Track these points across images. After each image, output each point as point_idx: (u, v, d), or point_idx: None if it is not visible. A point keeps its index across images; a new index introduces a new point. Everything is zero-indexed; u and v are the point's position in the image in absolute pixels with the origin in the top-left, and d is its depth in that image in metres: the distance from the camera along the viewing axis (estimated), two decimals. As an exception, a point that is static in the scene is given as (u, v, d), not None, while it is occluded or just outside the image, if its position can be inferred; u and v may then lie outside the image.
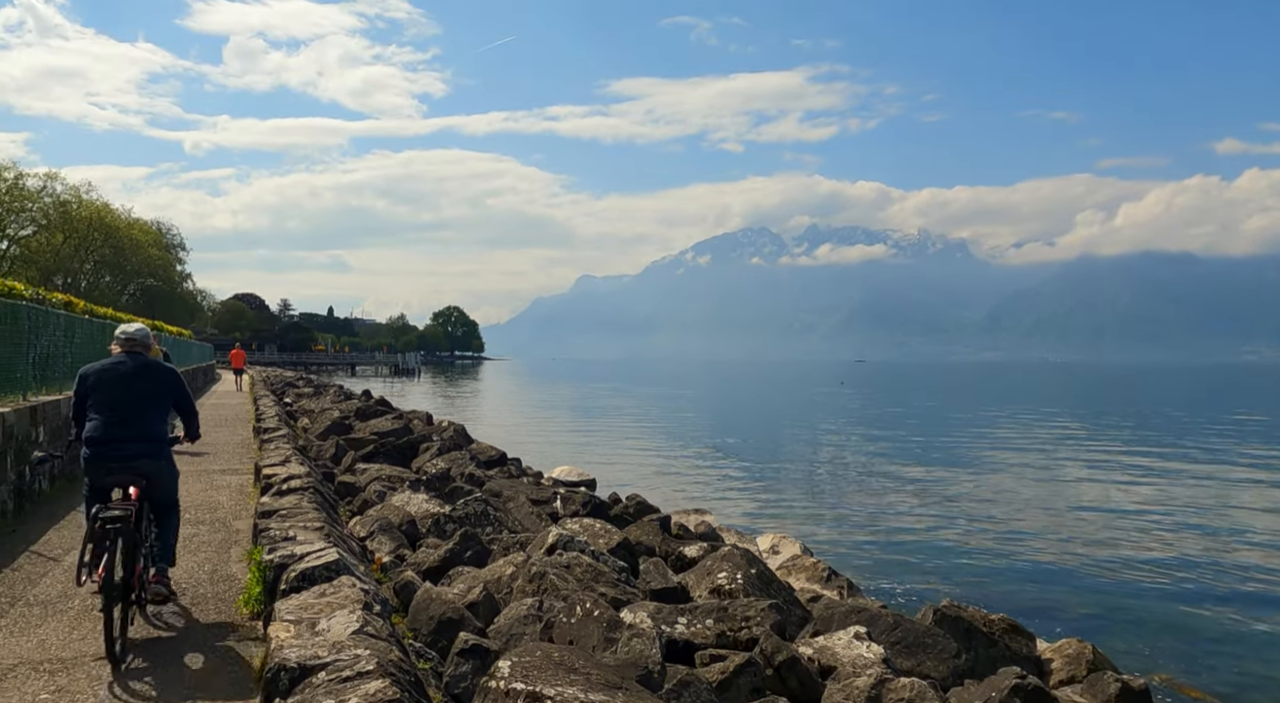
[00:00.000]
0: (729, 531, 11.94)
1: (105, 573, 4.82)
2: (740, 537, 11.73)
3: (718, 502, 19.57)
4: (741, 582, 6.24)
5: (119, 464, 5.27)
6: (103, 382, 5.42)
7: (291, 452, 12.07)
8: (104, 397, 5.37)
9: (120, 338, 5.67)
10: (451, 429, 17.70)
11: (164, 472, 5.56)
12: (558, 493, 10.15)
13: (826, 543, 14.85)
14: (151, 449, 5.41)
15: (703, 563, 7.00)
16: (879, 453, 29.89)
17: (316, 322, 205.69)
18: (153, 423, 5.46)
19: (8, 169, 70.16)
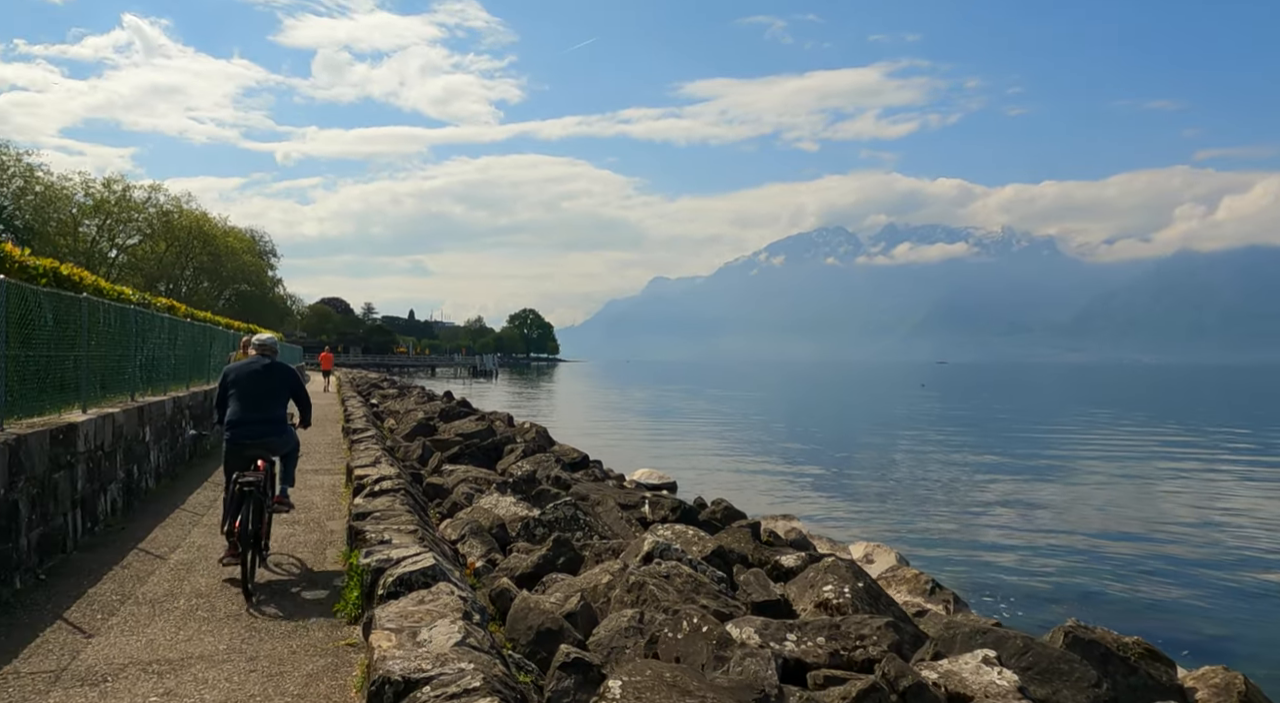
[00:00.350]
0: (820, 538, 11.52)
1: (241, 526, 6.18)
2: (833, 545, 11.30)
3: (801, 507, 19.08)
4: (850, 596, 5.89)
5: (251, 441, 6.75)
6: (240, 378, 6.92)
7: (381, 453, 12.22)
8: (242, 389, 6.85)
9: (255, 344, 7.32)
10: (534, 431, 17.72)
11: (287, 443, 7.12)
12: (645, 497, 9.94)
13: (918, 553, 14.25)
14: (275, 429, 6.92)
15: (804, 575, 6.67)
16: (967, 458, 28.77)
17: (398, 324, 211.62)
18: (276, 409, 6.97)
19: (117, 182, 74.43)
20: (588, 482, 11.41)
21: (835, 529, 15.25)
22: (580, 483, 10.74)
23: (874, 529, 16.26)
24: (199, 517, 9.38)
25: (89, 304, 8.69)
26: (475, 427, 16.22)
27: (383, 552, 5.94)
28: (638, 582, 5.64)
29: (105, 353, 9.79)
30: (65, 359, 8.35)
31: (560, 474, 11.27)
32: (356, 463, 10.69)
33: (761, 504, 18.36)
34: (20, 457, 6.26)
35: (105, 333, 9.59)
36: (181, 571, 7.02)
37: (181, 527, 8.79)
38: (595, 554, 7.31)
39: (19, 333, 6.94)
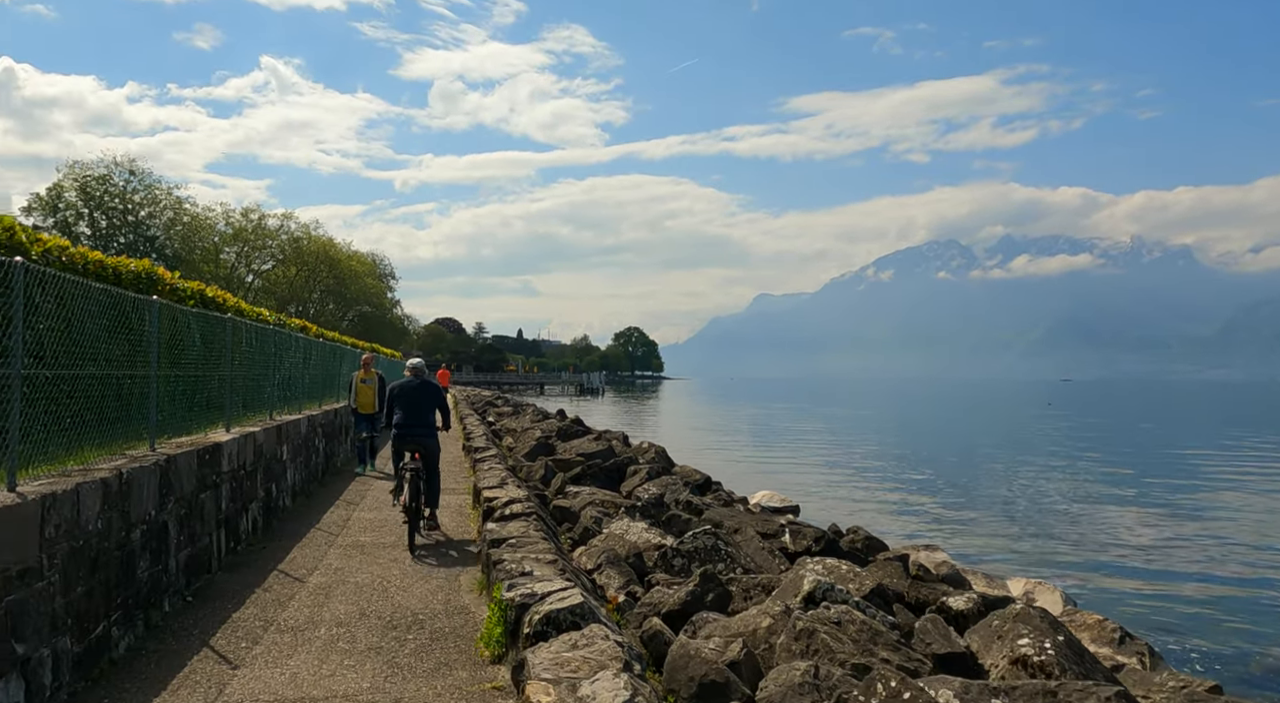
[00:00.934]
0: (974, 573, 10.54)
1: (408, 501, 8.79)
2: (989, 582, 10.30)
3: (936, 535, 17.87)
4: (1052, 653, 5.10)
5: (411, 439, 9.42)
6: (403, 392, 9.56)
7: (506, 473, 12.04)
8: (403, 401, 9.49)
9: (410, 366, 10.06)
10: (653, 451, 17.30)
11: (433, 445, 9.63)
12: (785, 526, 9.28)
13: (1079, 589, 12.94)
14: (427, 432, 9.53)
15: (987, 623, 5.89)
16: (1111, 483, 26.51)
17: (507, 343, 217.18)
18: (428, 416, 9.58)
19: (253, 211, 79.78)
20: (718, 507, 10.83)
21: (982, 562, 14.08)
22: (713, 509, 10.18)
23: (1023, 562, 14.96)
24: (333, 537, 9.36)
25: (232, 324, 8.82)
26: (595, 446, 15.92)
27: (525, 585, 5.57)
28: (807, 629, 5.04)
29: (246, 372, 9.98)
30: (210, 379, 8.48)
31: (690, 499, 10.73)
32: (483, 484, 10.51)
33: (893, 532, 17.29)
34: (170, 477, 6.26)
35: (246, 353, 9.77)
36: (320, 596, 6.88)
37: (317, 547, 8.76)
38: (743, 590, 6.74)
39: (169, 353, 7.02)
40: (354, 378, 14.38)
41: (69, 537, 4.58)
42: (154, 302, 6.47)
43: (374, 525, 10.06)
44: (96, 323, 5.73)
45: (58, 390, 5.46)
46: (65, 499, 4.54)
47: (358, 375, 14.29)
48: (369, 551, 8.66)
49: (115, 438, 6.15)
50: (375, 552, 8.60)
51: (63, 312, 5.20)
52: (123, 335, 6.04)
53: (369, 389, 14.17)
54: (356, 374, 14.34)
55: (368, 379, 14.24)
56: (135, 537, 5.56)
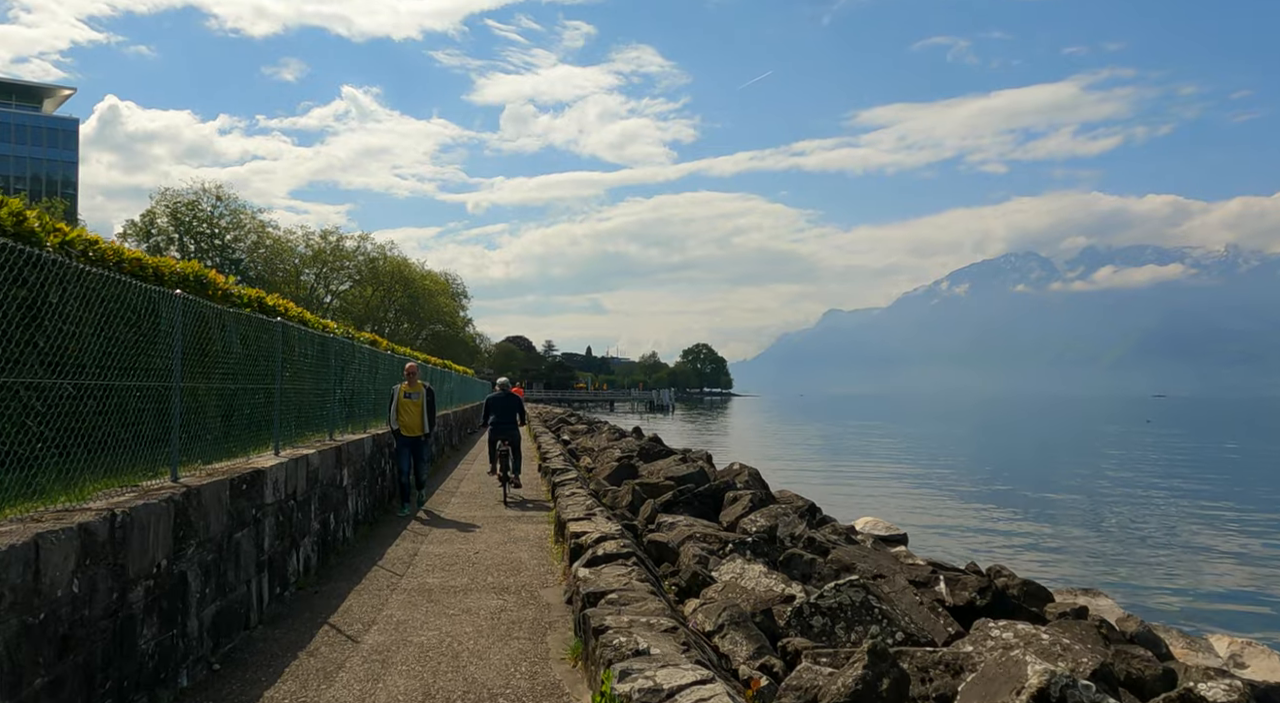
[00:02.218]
0: (1168, 630, 8.56)
1: (501, 472, 13.34)
2: (1189, 641, 8.31)
3: (1062, 568, 15.68)
4: None
5: (502, 433, 13.41)
6: (495, 401, 13.70)
7: (590, 499, 10.60)
8: (497, 408, 13.59)
9: (500, 384, 14.53)
10: (746, 473, 15.64)
11: (517, 435, 13.60)
12: (940, 575, 7.52)
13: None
14: (513, 428, 13.52)
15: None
16: (1247, 509, 23.57)
17: (576, 361, 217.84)
18: (511, 416, 13.62)
19: (331, 234, 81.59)
20: (845, 544, 9.12)
21: (1143, 611, 11.91)
22: (838, 547, 8.49)
23: (1189, 610, 12.73)
24: (398, 577, 8.03)
25: (283, 329, 7.62)
26: (683, 469, 14.36)
27: (643, 672, 4.06)
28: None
29: (302, 386, 8.80)
30: (256, 393, 7.27)
31: (811, 535, 9.04)
32: (568, 515, 9.07)
33: (1024, 569, 15.18)
34: (190, 516, 4.98)
35: (302, 363, 8.58)
36: (376, 664, 5.50)
37: (378, 592, 7.43)
38: (918, 668, 5.09)
39: (199, 361, 5.79)
40: (395, 392, 11.65)
41: (20, 609, 3.28)
42: (174, 294, 5.23)
43: (443, 562, 8.71)
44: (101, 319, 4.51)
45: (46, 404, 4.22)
46: (13, 558, 3.23)
47: (400, 389, 11.60)
48: (437, 596, 7.28)
49: (130, 465, 4.91)
50: (444, 598, 7.22)
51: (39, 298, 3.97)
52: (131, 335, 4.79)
53: (415, 406, 11.55)
54: (399, 387, 11.62)
55: (413, 393, 11.55)
56: (135, 597, 4.26)
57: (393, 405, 11.56)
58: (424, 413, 11.62)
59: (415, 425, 11.58)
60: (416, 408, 11.53)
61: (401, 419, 11.56)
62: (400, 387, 11.67)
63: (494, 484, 15.54)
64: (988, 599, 7.11)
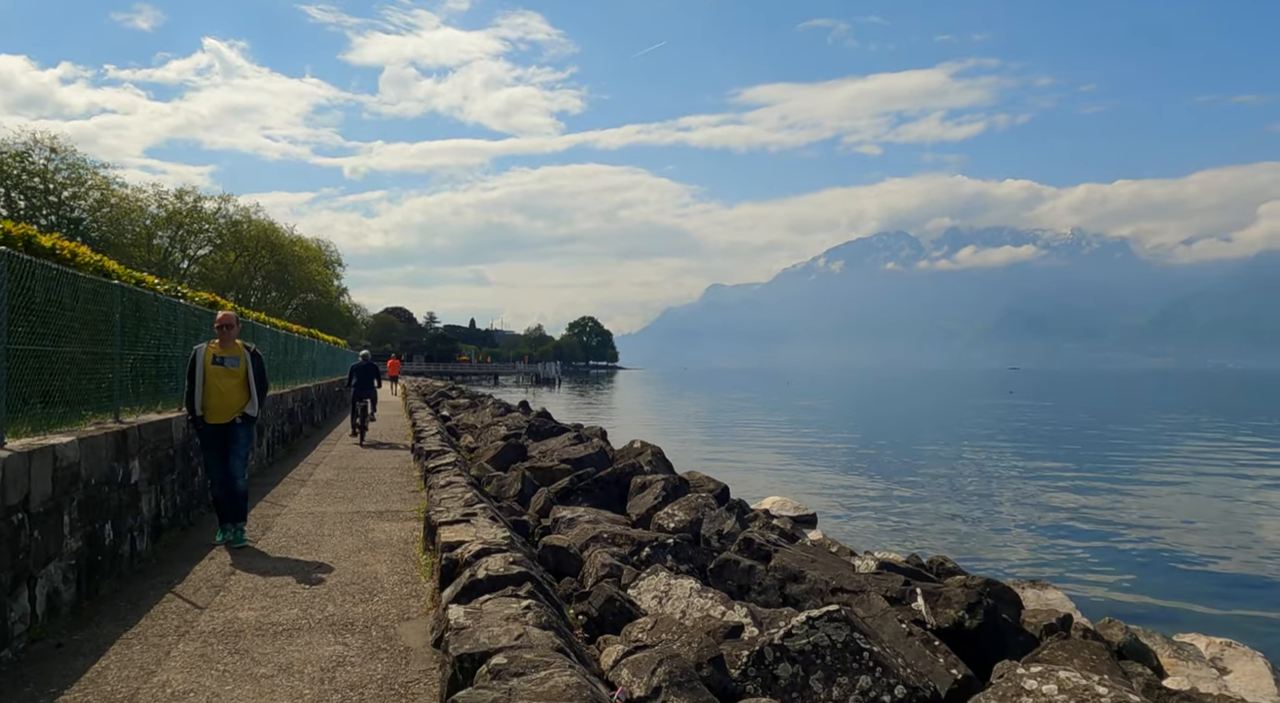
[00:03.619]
0: (1150, 635, 7.42)
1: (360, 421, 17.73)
2: (1176, 649, 7.17)
3: (973, 549, 14.89)
4: None
5: (362, 393, 18.10)
6: (358, 368, 18.45)
7: (470, 492, 8.58)
8: (359, 372, 18.34)
9: (363, 354, 19.56)
10: (649, 453, 13.94)
11: (375, 394, 18.61)
12: (915, 588, 5.98)
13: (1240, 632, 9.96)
14: (371, 390, 18.36)
15: None
16: (1127, 481, 24.01)
17: (459, 333, 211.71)
18: (371, 381, 18.49)
19: (188, 193, 74.54)
20: (790, 546, 7.48)
21: (1088, 602, 10.96)
22: (782, 551, 6.82)
23: (1122, 594, 11.98)
24: (197, 612, 5.80)
25: (9, 261, 5.18)
26: (581, 451, 12.47)
27: None
28: None
29: (63, 349, 6.35)
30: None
31: (749, 536, 7.29)
32: (441, 516, 7.04)
33: (935, 550, 14.21)
34: None
35: (57, 318, 6.13)
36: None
37: (158, 641, 5.20)
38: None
39: None
40: (197, 355, 7.57)
41: None
42: None
43: (269, 584, 6.52)
44: None
45: None
46: None
47: (206, 350, 7.58)
48: (247, 644, 5.14)
49: None
50: (257, 646, 5.09)
51: None
52: None
53: (231, 378, 7.61)
54: (204, 349, 7.60)
55: (228, 358, 7.62)
56: None
57: (195, 377, 7.52)
58: (249, 388, 7.71)
59: (230, 407, 7.60)
60: (234, 381, 7.61)
61: (209, 399, 7.51)
62: (207, 348, 7.60)
63: (356, 470, 13.32)
64: (978, 619, 5.64)
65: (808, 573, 6.36)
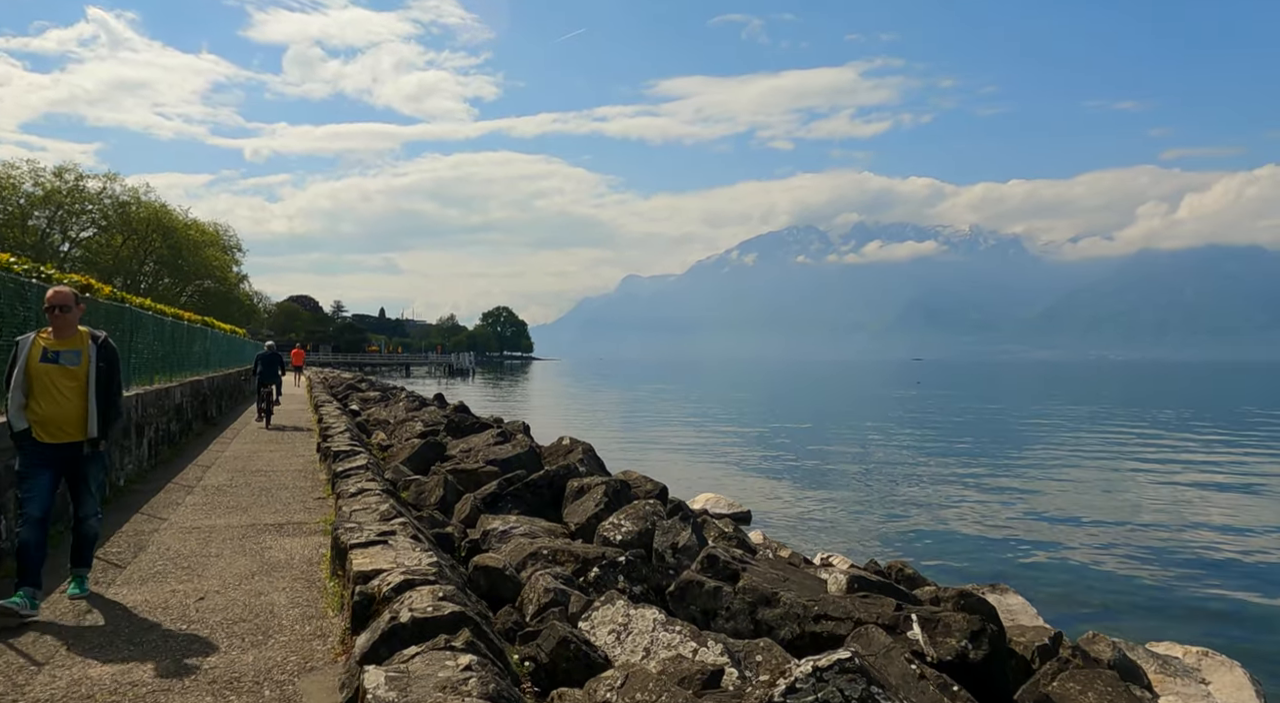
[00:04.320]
0: (1134, 648, 6.95)
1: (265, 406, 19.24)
2: (1162, 663, 6.72)
3: (927, 551, 14.59)
4: None
5: (267, 380, 19.28)
6: (263, 357, 19.69)
7: (385, 502, 7.48)
8: (263, 361, 19.51)
9: (268, 345, 21.35)
10: (581, 451, 13.00)
11: (280, 381, 19.95)
12: (909, 614, 5.26)
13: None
14: (275, 378, 19.57)
15: None
16: (1041, 470, 24.54)
17: (369, 323, 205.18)
18: (276, 370, 19.66)
19: (68, 171, 68.82)
20: (757, 562, 6.65)
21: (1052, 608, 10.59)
22: (750, 569, 5.98)
23: (1068, 592, 11.75)
24: (32, 671, 4.58)
25: None
26: (509, 450, 11.40)
27: None
28: None
29: None
30: None
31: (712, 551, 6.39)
32: (353, 536, 5.94)
33: (870, 551, 13.81)
34: None
35: None
36: None
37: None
38: None
39: None
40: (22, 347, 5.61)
41: None
42: None
43: (134, 625, 5.31)
44: None
45: None
46: None
47: (33, 342, 5.60)
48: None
49: None
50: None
51: None
52: None
53: (69, 380, 5.57)
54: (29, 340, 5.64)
55: (64, 352, 5.59)
56: None
57: (14, 376, 5.53)
58: (88, 396, 5.61)
59: (69, 419, 5.56)
60: (72, 383, 5.57)
61: (39, 407, 5.50)
62: (34, 339, 5.63)
63: (253, 474, 11.95)
64: (983, 650, 4.96)
65: (782, 595, 5.59)
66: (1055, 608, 9.97)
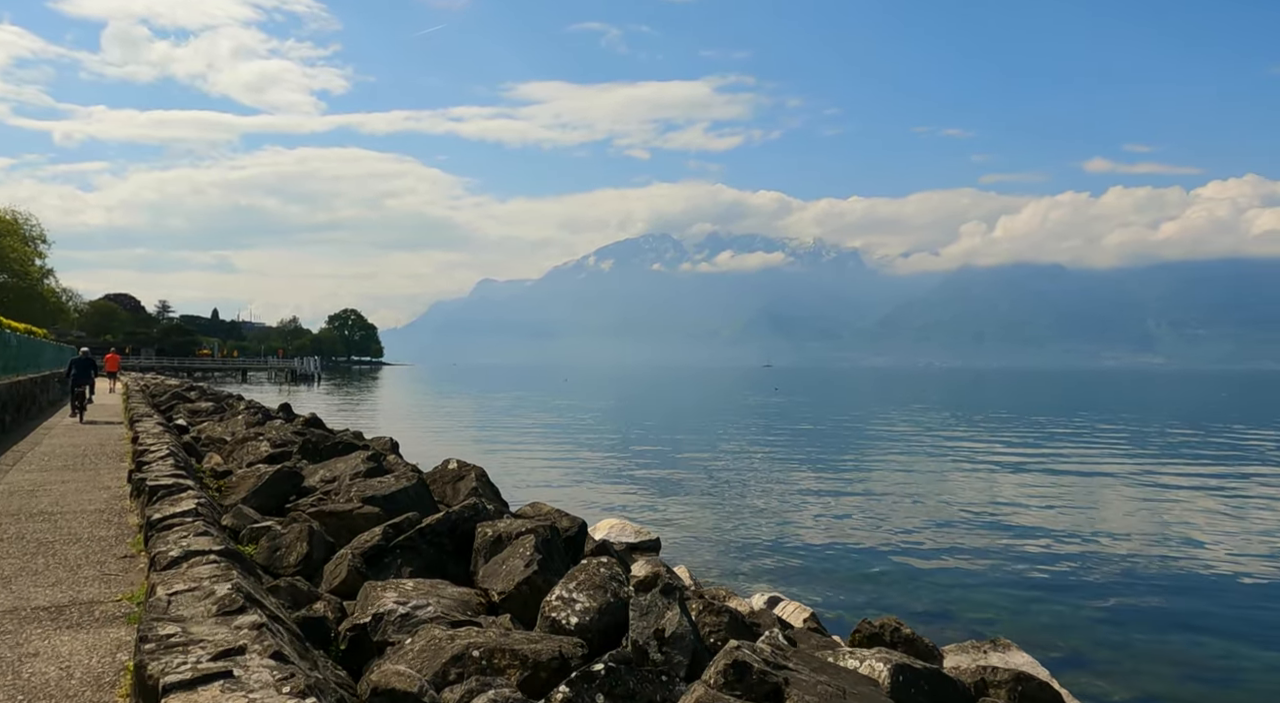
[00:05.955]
0: None
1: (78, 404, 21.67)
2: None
3: (865, 587, 13.36)
4: None
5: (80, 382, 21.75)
6: (77, 361, 22.30)
7: (225, 581, 5.09)
8: (77, 365, 22.06)
9: (83, 351, 24.00)
10: (474, 476, 10.75)
11: (93, 382, 23.88)
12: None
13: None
14: (88, 379, 22.62)
15: None
16: (922, 472, 24.41)
17: (200, 324, 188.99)
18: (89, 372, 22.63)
19: None
20: (789, 656, 4.81)
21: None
22: (797, 675, 4.15)
23: (1050, 633, 10.71)
24: None
25: None
26: (392, 484, 8.93)
27: None
28: None
29: None
30: None
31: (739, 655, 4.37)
32: (171, 663, 3.60)
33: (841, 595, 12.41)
34: None
35: None
36: None
37: None
38: None
39: None
40: None
41: None
42: None
43: None
44: None
45: None
46: None
47: None
48: None
49: None
50: None
51: None
52: None
53: None
54: None
55: None
56: None
57: None
58: None
59: None
60: None
61: None
62: None
63: (31, 517, 8.95)
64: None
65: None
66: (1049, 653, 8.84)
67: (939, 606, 11.29)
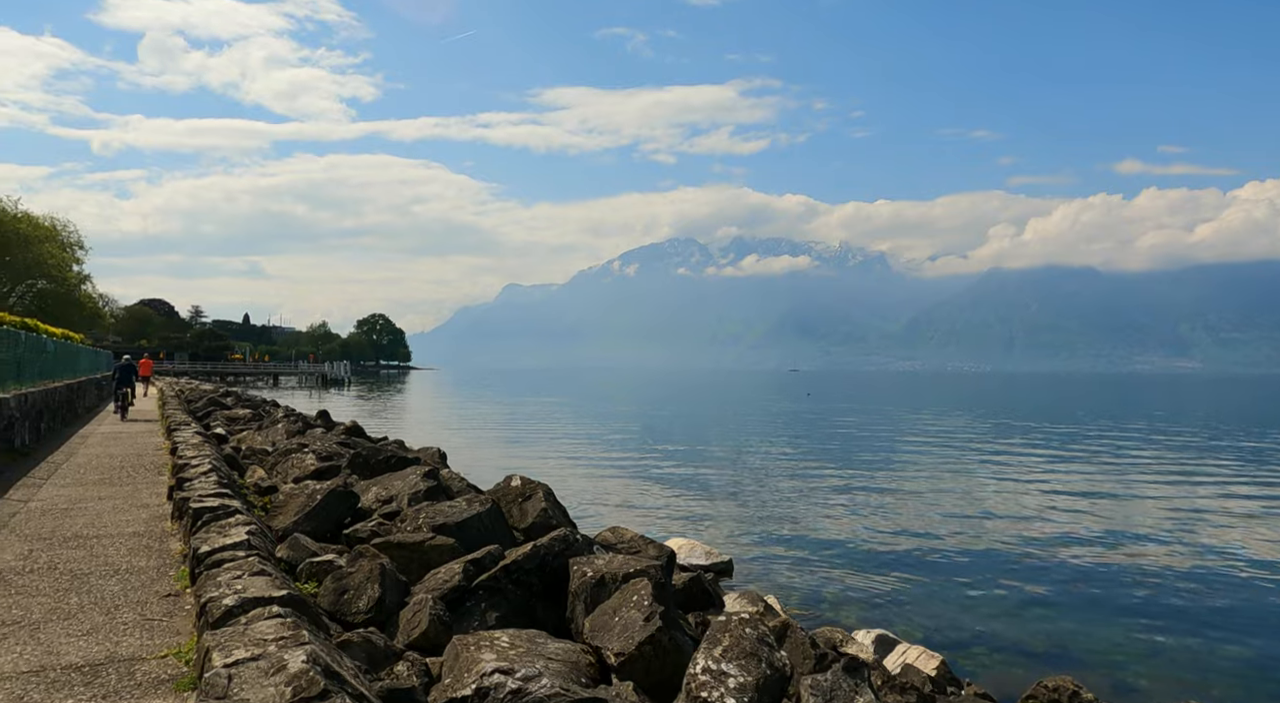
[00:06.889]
0: None
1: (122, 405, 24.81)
2: None
3: (979, 621, 12.18)
4: None
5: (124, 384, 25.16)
6: (121, 368, 25.75)
7: (295, 645, 4.13)
8: (122, 370, 25.61)
9: (125, 357, 28.30)
10: (542, 494, 9.76)
11: (134, 385, 26.21)
12: None
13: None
14: (131, 383, 25.63)
15: None
16: (971, 485, 23.06)
17: (232, 329, 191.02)
18: (131, 377, 25.72)
19: None
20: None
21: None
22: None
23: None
24: None
25: None
26: (465, 510, 7.92)
27: None
28: None
29: None
30: None
31: None
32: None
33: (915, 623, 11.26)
34: None
35: None
36: None
37: None
38: None
39: None
40: None
41: None
42: None
43: None
44: None
45: None
46: None
47: None
48: None
49: None
50: None
51: None
52: None
53: None
54: None
55: None
56: None
57: None
58: None
59: None
60: None
61: None
62: None
63: (64, 543, 8.08)
64: None
65: None
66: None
67: (1056, 642, 10.10)
